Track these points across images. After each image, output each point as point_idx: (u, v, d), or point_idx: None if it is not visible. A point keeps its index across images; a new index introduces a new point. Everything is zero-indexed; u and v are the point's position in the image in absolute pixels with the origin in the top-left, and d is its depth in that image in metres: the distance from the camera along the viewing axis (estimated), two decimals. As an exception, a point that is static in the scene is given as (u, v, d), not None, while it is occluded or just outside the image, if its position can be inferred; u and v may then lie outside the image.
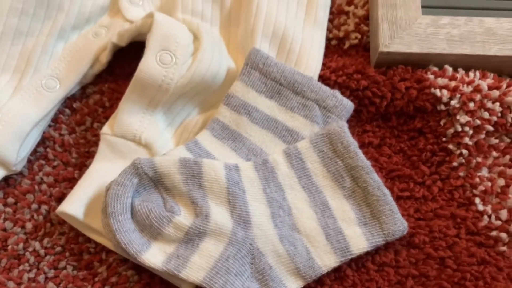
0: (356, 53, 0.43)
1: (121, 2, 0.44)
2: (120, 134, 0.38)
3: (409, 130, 0.39)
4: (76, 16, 0.43)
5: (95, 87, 0.43)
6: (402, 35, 0.38)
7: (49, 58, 0.42)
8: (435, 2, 0.40)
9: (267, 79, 0.38)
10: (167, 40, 0.38)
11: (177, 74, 0.37)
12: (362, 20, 0.43)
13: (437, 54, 0.38)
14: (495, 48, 0.38)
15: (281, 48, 0.41)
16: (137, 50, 0.42)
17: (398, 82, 0.38)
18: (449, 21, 0.39)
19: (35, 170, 0.39)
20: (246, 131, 0.37)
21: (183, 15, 0.42)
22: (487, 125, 0.36)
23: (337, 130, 0.36)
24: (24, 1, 0.41)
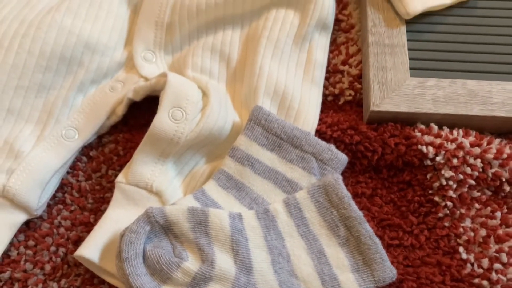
0: (350, 108, 0.47)
1: (136, 59, 0.48)
2: (134, 182, 0.41)
3: (398, 182, 0.42)
4: (95, 72, 0.47)
5: (110, 137, 0.47)
6: (391, 96, 0.42)
7: (69, 110, 0.46)
8: (422, 65, 0.44)
9: (268, 133, 0.41)
10: (178, 98, 0.41)
11: (187, 129, 0.41)
12: (356, 78, 0.47)
13: (424, 113, 0.42)
14: (477, 109, 0.42)
15: (282, 105, 0.44)
16: (149, 103, 0.46)
17: (388, 138, 0.42)
18: (435, 83, 0.43)
19: (54, 214, 0.42)
20: (249, 181, 0.41)
21: (193, 73, 0.46)
22: (470, 180, 0.40)
23: (332, 182, 0.39)
24: (49, 59, 0.45)
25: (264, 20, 0.48)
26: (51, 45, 0.45)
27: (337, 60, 0.48)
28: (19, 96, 0.44)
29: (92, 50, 0.46)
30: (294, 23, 0.47)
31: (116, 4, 0.49)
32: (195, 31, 0.48)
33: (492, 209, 0.40)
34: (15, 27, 0.45)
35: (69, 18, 0.46)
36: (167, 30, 0.48)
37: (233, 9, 0.48)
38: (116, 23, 0.48)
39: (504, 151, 0.40)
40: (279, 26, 0.47)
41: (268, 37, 0.46)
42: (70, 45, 0.45)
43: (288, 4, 0.48)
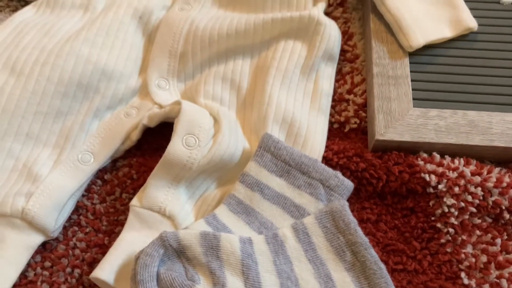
0: (355, 136, 0.48)
1: (150, 86, 0.50)
2: (148, 206, 0.43)
3: (402, 208, 0.44)
4: (111, 98, 0.49)
5: (124, 161, 0.48)
6: (395, 125, 0.44)
7: (85, 135, 0.47)
8: (425, 95, 0.46)
9: (277, 160, 0.43)
10: (192, 125, 0.43)
11: (200, 155, 0.43)
12: (361, 107, 0.49)
13: (426, 143, 0.43)
14: (477, 139, 0.43)
15: (290, 132, 0.46)
16: (162, 128, 0.48)
17: (392, 166, 0.43)
18: (437, 113, 0.45)
19: (69, 236, 0.44)
20: (258, 206, 0.42)
21: (205, 100, 0.48)
22: (471, 207, 0.41)
23: (339, 208, 0.41)
24: (67, 85, 0.47)
25: (273, 51, 0.50)
26: (69, 72, 0.47)
27: (342, 89, 0.50)
28: (37, 121, 0.46)
29: (108, 78, 0.48)
30: (302, 54, 0.49)
31: (131, 34, 0.51)
32: (207, 60, 0.50)
33: (492, 236, 0.41)
34: (36, 55, 0.47)
35: (86, 47, 0.48)
36: (180, 59, 0.50)
37: (244, 40, 0.50)
38: (131, 52, 0.51)
39: (504, 180, 0.42)
40: (287, 56, 0.49)
41: (277, 67, 0.48)
42: (87, 73, 0.47)
43: (296, 36, 0.50)
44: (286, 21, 0.49)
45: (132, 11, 0.52)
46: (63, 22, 0.52)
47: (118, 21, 0.51)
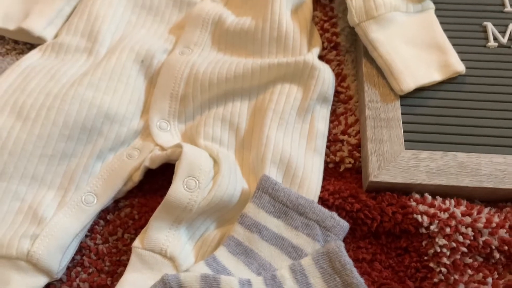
0: (350, 175, 0.50)
1: (152, 128, 0.51)
2: (149, 247, 0.44)
3: (396, 248, 0.45)
4: (113, 140, 0.50)
5: (126, 201, 0.50)
6: (388, 167, 0.46)
7: (88, 177, 0.49)
8: (416, 137, 0.48)
9: (275, 201, 0.45)
10: (192, 168, 0.45)
11: (200, 197, 0.44)
12: (355, 147, 0.51)
13: (418, 184, 0.45)
14: (467, 180, 0.45)
15: (287, 173, 0.48)
16: (163, 169, 0.50)
17: (386, 206, 0.45)
18: (428, 155, 0.47)
19: (73, 276, 0.45)
20: (257, 248, 0.44)
21: (205, 142, 0.50)
22: (462, 247, 0.43)
23: (335, 250, 0.42)
24: (71, 129, 0.48)
25: (270, 94, 0.52)
26: (73, 116, 0.49)
27: (337, 130, 0.52)
28: (43, 163, 0.48)
29: (111, 121, 0.50)
30: (298, 96, 0.51)
31: (133, 77, 0.53)
32: (207, 102, 0.52)
33: (483, 275, 0.43)
34: (42, 100, 0.49)
35: (90, 91, 0.50)
36: (181, 102, 0.52)
37: (242, 83, 0.52)
38: (134, 95, 0.53)
39: (493, 220, 0.44)
40: (284, 99, 0.51)
41: (274, 110, 0.50)
42: (91, 116, 0.49)
43: (292, 79, 0.52)
44: (282, 66, 0.52)
45: (135, 55, 0.54)
46: (68, 67, 0.54)
47: (121, 65, 0.53)
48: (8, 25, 0.58)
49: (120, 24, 0.59)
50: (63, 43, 0.56)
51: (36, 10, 0.58)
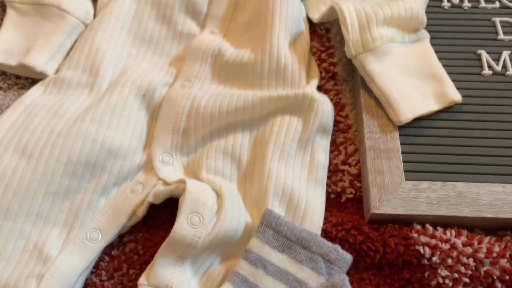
0: (351, 205, 0.51)
1: (154, 162, 0.52)
2: (155, 284, 0.44)
3: (399, 279, 0.46)
4: (117, 175, 0.51)
5: (130, 236, 0.50)
6: (389, 198, 0.47)
7: (93, 213, 0.49)
8: (415, 167, 0.49)
9: (279, 236, 0.45)
10: (196, 204, 0.45)
11: (204, 233, 0.45)
12: (355, 177, 0.52)
13: (419, 215, 0.46)
14: (467, 210, 0.46)
15: (289, 206, 0.48)
16: (167, 202, 0.50)
17: (388, 238, 0.46)
18: (428, 185, 0.48)
19: (79, 315, 0.45)
20: (262, 283, 0.44)
21: (207, 175, 0.51)
22: (464, 278, 0.44)
23: (339, 283, 0.43)
24: (75, 165, 0.49)
25: (271, 125, 0.53)
26: (77, 153, 0.49)
27: (337, 160, 0.53)
28: (47, 201, 0.48)
29: (114, 156, 0.51)
30: (298, 128, 0.52)
31: (135, 111, 0.54)
32: (208, 135, 0.53)
33: (486, 305, 0.43)
34: (45, 137, 0.50)
35: (93, 126, 0.51)
36: (183, 135, 0.53)
37: (243, 115, 0.53)
38: (136, 129, 0.53)
39: (494, 250, 0.44)
40: (284, 131, 0.52)
41: (275, 142, 0.51)
42: (94, 152, 0.50)
43: (292, 111, 0.53)
44: (282, 99, 0.52)
45: (136, 89, 0.55)
46: (70, 102, 0.54)
47: (123, 99, 0.54)
48: (9, 61, 0.58)
49: (121, 57, 0.60)
50: (65, 78, 0.57)
51: (37, 45, 0.59)
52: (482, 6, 0.61)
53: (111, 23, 0.60)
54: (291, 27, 0.58)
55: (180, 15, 0.62)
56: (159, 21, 0.62)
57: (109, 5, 0.62)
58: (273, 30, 0.56)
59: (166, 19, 0.62)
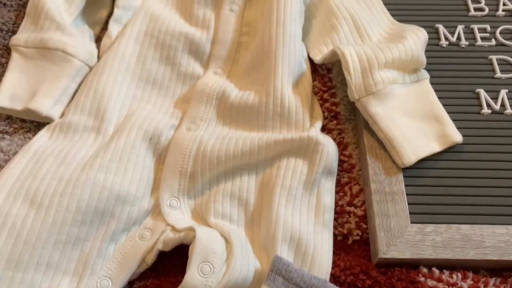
0: (358, 247, 0.51)
1: (162, 207, 0.53)
2: (167, 335, 0.45)
3: (408, 323, 0.46)
4: (125, 221, 0.51)
5: (140, 282, 0.50)
6: (396, 243, 0.48)
7: (102, 260, 0.50)
8: (420, 209, 0.50)
9: (289, 283, 0.46)
10: (206, 253, 0.46)
11: (215, 282, 0.45)
12: (361, 219, 0.53)
13: (425, 259, 0.47)
14: (472, 253, 0.47)
15: (298, 251, 0.49)
16: (176, 248, 0.51)
17: (396, 282, 0.46)
18: (433, 228, 0.48)
19: None
20: (274, 331, 0.45)
21: (215, 220, 0.51)
22: (472, 322, 0.44)
23: (349, 330, 0.43)
24: (84, 213, 0.49)
25: (277, 168, 0.53)
26: (86, 200, 0.50)
27: (343, 201, 0.54)
28: (57, 250, 0.48)
29: (123, 202, 0.51)
30: (304, 171, 0.53)
31: (142, 156, 0.55)
32: (215, 178, 0.54)
33: None
34: (54, 186, 0.50)
35: (101, 173, 0.51)
36: (190, 178, 0.54)
37: (249, 159, 0.54)
38: (143, 174, 0.54)
39: (500, 293, 0.45)
40: (290, 174, 0.53)
41: (281, 185, 0.52)
42: (103, 199, 0.50)
43: (297, 154, 0.54)
44: (287, 142, 0.53)
45: (143, 134, 0.55)
46: (77, 148, 0.55)
47: (130, 145, 0.54)
48: (15, 106, 0.59)
49: (126, 99, 0.60)
50: (71, 123, 0.57)
51: (43, 89, 0.59)
52: (479, 44, 0.63)
53: (115, 65, 0.61)
54: (293, 69, 0.59)
55: (184, 56, 0.63)
56: (163, 63, 0.63)
57: (113, 47, 0.63)
58: (276, 73, 0.58)
59: (170, 60, 0.63)
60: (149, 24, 0.65)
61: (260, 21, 0.64)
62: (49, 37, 0.61)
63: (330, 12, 0.64)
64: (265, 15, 0.62)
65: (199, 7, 0.66)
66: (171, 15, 0.66)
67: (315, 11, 0.67)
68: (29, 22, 0.64)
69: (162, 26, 0.64)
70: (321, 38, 0.64)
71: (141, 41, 0.64)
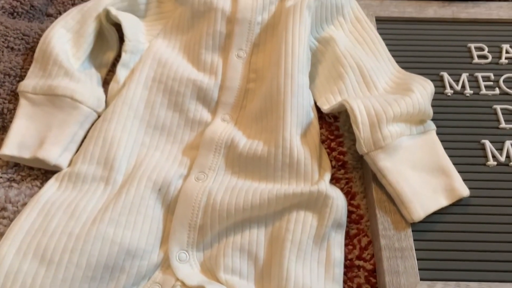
0: (368, 304, 0.52)
1: (172, 261, 0.52)
2: None
3: None
4: (135, 276, 0.51)
5: (150, 338, 0.50)
6: (406, 302, 0.48)
7: (113, 316, 0.50)
8: (429, 265, 0.50)
9: None
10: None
11: None
12: (370, 273, 0.53)
13: (436, 320, 0.47)
14: (482, 309, 0.47)
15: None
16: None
17: None
18: (442, 286, 0.49)
19: None
20: None
21: (225, 275, 0.51)
22: None
23: None
24: (94, 269, 0.49)
25: (286, 222, 0.54)
26: (96, 256, 0.50)
27: (352, 255, 0.54)
28: (67, 307, 0.48)
29: (132, 256, 0.51)
30: (313, 224, 0.53)
31: (152, 207, 0.55)
32: (224, 231, 0.54)
33: None
34: (64, 241, 0.50)
35: (111, 227, 0.51)
36: (199, 231, 0.54)
37: (258, 211, 0.54)
38: (153, 226, 0.54)
39: None
40: (300, 228, 0.53)
41: (291, 240, 0.52)
42: (113, 254, 0.50)
43: (306, 207, 0.54)
44: (297, 196, 0.54)
45: (152, 184, 0.56)
46: (86, 200, 0.55)
47: (139, 196, 0.55)
48: (23, 154, 0.59)
49: (135, 147, 0.60)
50: (80, 173, 0.57)
51: (51, 137, 0.59)
52: (483, 93, 0.64)
53: (124, 112, 0.61)
54: (302, 120, 0.59)
55: (192, 102, 0.64)
56: (171, 109, 0.63)
57: (121, 93, 0.63)
58: (285, 123, 0.58)
59: (178, 107, 0.63)
60: (157, 69, 0.65)
61: (268, 69, 0.64)
62: (57, 84, 0.62)
63: (336, 60, 0.65)
64: (273, 64, 0.63)
65: (206, 52, 0.67)
66: (178, 60, 0.67)
67: (321, 57, 0.67)
68: (37, 67, 0.64)
69: (170, 72, 0.65)
70: (328, 86, 0.64)
71: (149, 86, 0.64)
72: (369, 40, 0.67)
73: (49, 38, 0.65)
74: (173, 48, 0.69)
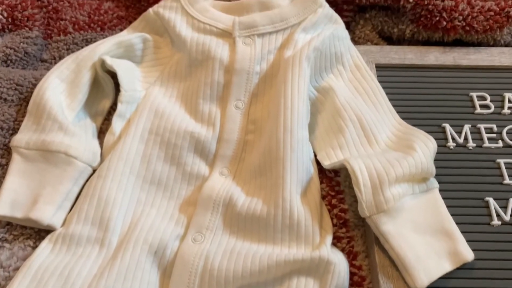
0: None
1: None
2: None
3: None
4: None
5: None
6: None
7: None
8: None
9: None
10: None
11: None
12: None
13: None
14: None
15: None
16: None
17: None
18: None
19: None
20: None
21: None
22: None
23: None
24: None
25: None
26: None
27: None
28: None
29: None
30: (315, 291, 0.52)
31: (147, 271, 0.53)
32: (222, 297, 0.53)
33: None
34: None
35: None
36: (197, 296, 0.52)
37: (258, 278, 0.52)
38: (148, 291, 0.52)
39: None
40: (301, 295, 0.51)
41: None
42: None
43: (307, 273, 0.52)
44: (298, 262, 0.52)
45: (148, 247, 0.54)
46: (81, 264, 0.53)
47: (135, 261, 0.53)
48: (16, 214, 0.57)
49: (130, 205, 0.59)
50: (74, 235, 0.55)
51: (44, 195, 0.58)
52: (486, 146, 0.63)
53: (120, 168, 0.60)
54: (301, 176, 0.58)
55: (189, 155, 0.62)
56: (168, 162, 0.62)
57: (117, 147, 0.61)
58: (285, 182, 0.56)
59: (175, 160, 0.62)
60: (154, 121, 0.63)
61: (266, 121, 0.63)
62: (51, 139, 0.60)
63: (336, 112, 0.63)
64: (272, 117, 0.61)
65: (204, 102, 0.66)
66: (175, 110, 0.65)
67: (321, 107, 0.66)
68: (30, 121, 0.63)
69: (167, 124, 0.63)
70: (328, 140, 0.63)
71: (146, 139, 0.62)
72: (369, 89, 0.66)
73: (43, 89, 0.64)
74: (170, 97, 0.68)
